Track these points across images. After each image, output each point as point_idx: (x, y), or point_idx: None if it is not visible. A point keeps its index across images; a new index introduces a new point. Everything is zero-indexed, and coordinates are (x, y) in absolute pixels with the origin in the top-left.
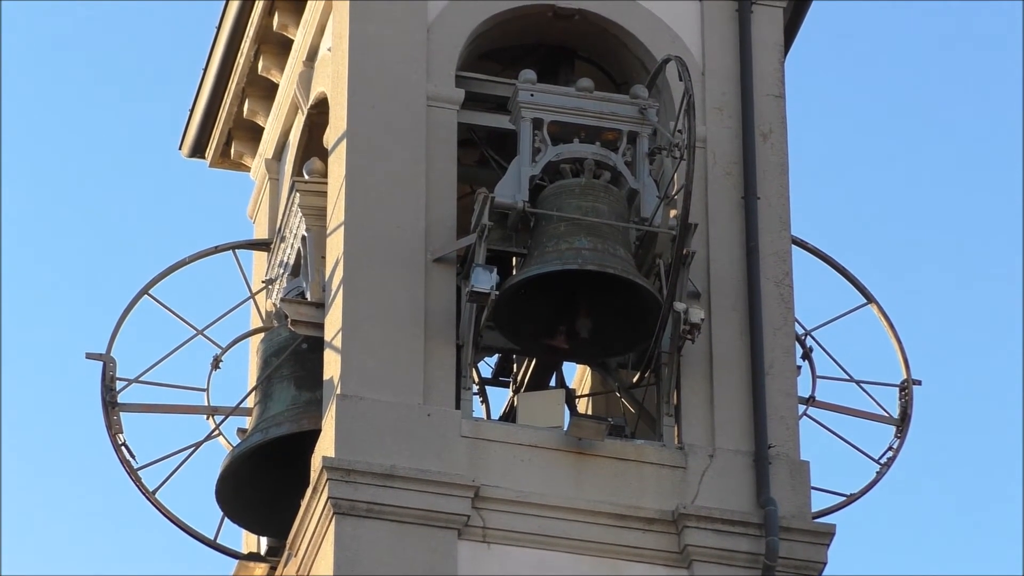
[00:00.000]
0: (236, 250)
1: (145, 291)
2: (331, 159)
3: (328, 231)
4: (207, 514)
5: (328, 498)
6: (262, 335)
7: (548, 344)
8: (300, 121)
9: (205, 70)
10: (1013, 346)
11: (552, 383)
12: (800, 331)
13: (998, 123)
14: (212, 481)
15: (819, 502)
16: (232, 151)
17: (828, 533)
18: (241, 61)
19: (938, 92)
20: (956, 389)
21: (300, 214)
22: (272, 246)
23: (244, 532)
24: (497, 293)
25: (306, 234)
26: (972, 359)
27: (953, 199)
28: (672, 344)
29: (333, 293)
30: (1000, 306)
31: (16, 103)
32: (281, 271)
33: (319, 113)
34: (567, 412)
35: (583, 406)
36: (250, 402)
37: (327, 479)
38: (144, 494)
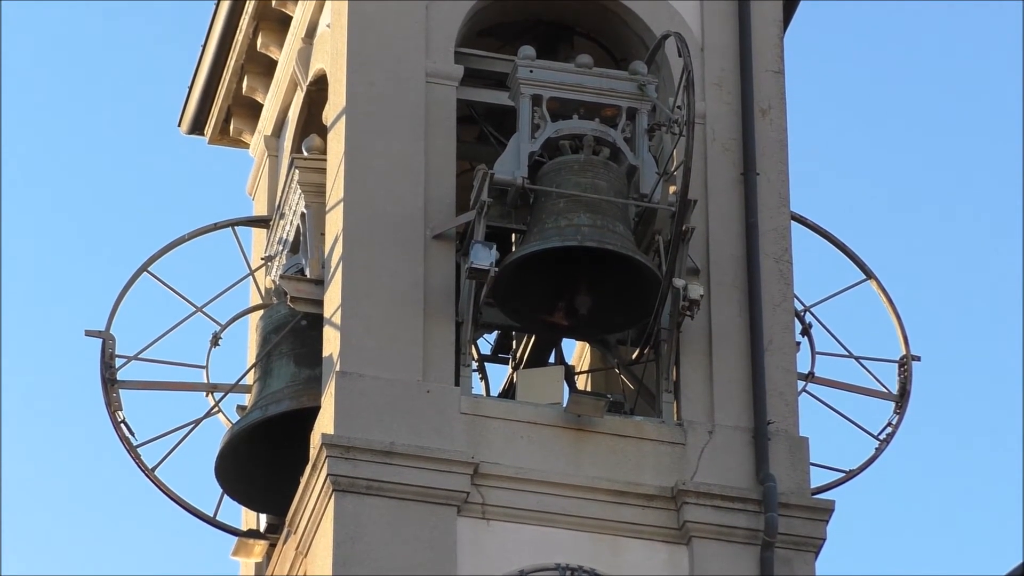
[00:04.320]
0: (235, 227)
1: (144, 268)
2: (330, 136)
3: (327, 208)
4: (206, 491)
5: (327, 475)
6: (261, 312)
7: (547, 321)
8: (299, 98)
9: (204, 47)
10: (1013, 322)
11: (551, 360)
12: (799, 307)
13: (998, 100)
14: (211, 458)
15: (818, 478)
16: (231, 128)
17: (827, 509)
18: (240, 38)
19: (938, 68)
20: (955, 365)
21: (299, 191)
22: (271, 223)
23: (243, 509)
24: (496, 270)
25: (305, 211)
26: (971, 335)
27: (953, 175)
28: (671, 320)
29: (332, 270)
30: (1000, 282)
31: (15, 81)
32: (280, 248)
33: (318, 90)
34: (566, 389)
35: (582, 383)
36: (249, 379)
37: (326, 456)
38: (143, 471)
